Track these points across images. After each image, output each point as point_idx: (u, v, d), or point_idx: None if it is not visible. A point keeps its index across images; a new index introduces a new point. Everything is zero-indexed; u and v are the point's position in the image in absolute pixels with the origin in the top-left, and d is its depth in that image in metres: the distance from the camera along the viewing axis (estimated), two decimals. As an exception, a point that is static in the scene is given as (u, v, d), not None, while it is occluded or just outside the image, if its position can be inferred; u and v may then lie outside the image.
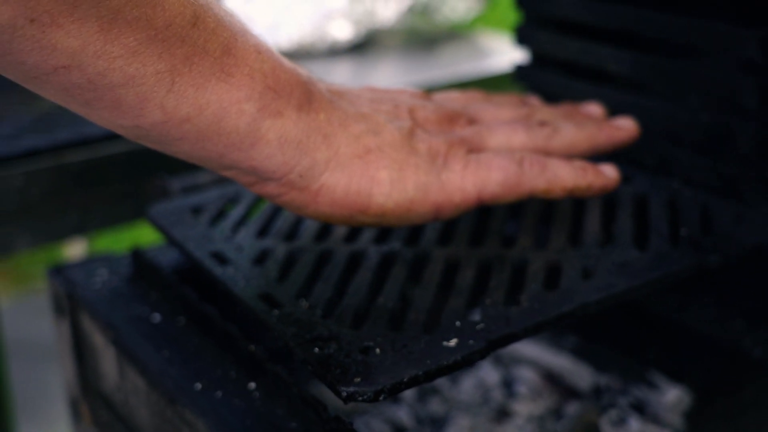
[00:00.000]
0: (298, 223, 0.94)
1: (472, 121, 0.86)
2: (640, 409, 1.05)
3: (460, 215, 0.82)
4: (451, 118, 0.85)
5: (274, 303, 0.79)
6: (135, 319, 0.92)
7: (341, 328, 0.74)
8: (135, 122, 0.67)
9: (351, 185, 0.76)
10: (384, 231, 0.91)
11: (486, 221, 0.92)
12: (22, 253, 1.33)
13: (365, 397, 0.66)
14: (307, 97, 0.74)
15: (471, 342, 0.71)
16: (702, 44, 0.89)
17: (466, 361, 0.69)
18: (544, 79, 1.10)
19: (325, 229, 0.92)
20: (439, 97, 0.91)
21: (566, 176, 0.82)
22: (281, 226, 0.92)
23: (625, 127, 0.88)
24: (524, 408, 1.09)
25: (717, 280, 0.99)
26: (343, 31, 1.68)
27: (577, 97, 1.06)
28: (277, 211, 0.96)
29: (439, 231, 0.90)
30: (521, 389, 1.12)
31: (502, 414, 1.09)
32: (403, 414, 1.07)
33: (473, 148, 0.82)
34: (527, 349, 1.16)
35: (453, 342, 0.71)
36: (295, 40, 1.65)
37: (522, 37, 1.11)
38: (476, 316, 0.75)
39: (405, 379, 0.67)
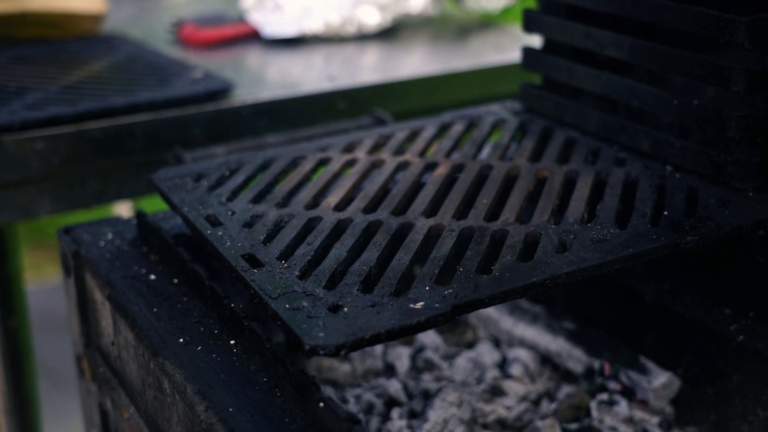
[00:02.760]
0: (292, 192, 0.96)
1: None
2: (631, 393, 1.05)
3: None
4: None
5: (256, 263, 0.81)
6: (131, 278, 0.95)
7: (315, 287, 0.76)
8: None
9: None
10: (374, 201, 0.93)
11: (474, 197, 0.93)
12: (47, 218, 1.37)
13: (327, 350, 0.68)
14: None
15: (437, 305, 0.72)
16: (694, 30, 0.90)
17: (430, 323, 0.71)
18: (548, 63, 1.11)
19: (317, 198, 0.95)
20: None
21: None
22: (276, 194, 0.95)
23: None
24: (517, 388, 1.10)
25: (708, 269, 0.99)
26: (371, 17, 1.70)
27: (579, 80, 1.07)
28: (274, 180, 0.99)
29: (427, 203, 0.91)
30: (515, 370, 1.13)
31: (493, 393, 1.10)
32: (394, 388, 1.09)
33: None
34: (526, 332, 1.17)
35: (419, 305, 0.73)
36: (324, 23, 1.69)
37: (529, 22, 1.12)
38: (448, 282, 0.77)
39: (367, 337, 0.69)
